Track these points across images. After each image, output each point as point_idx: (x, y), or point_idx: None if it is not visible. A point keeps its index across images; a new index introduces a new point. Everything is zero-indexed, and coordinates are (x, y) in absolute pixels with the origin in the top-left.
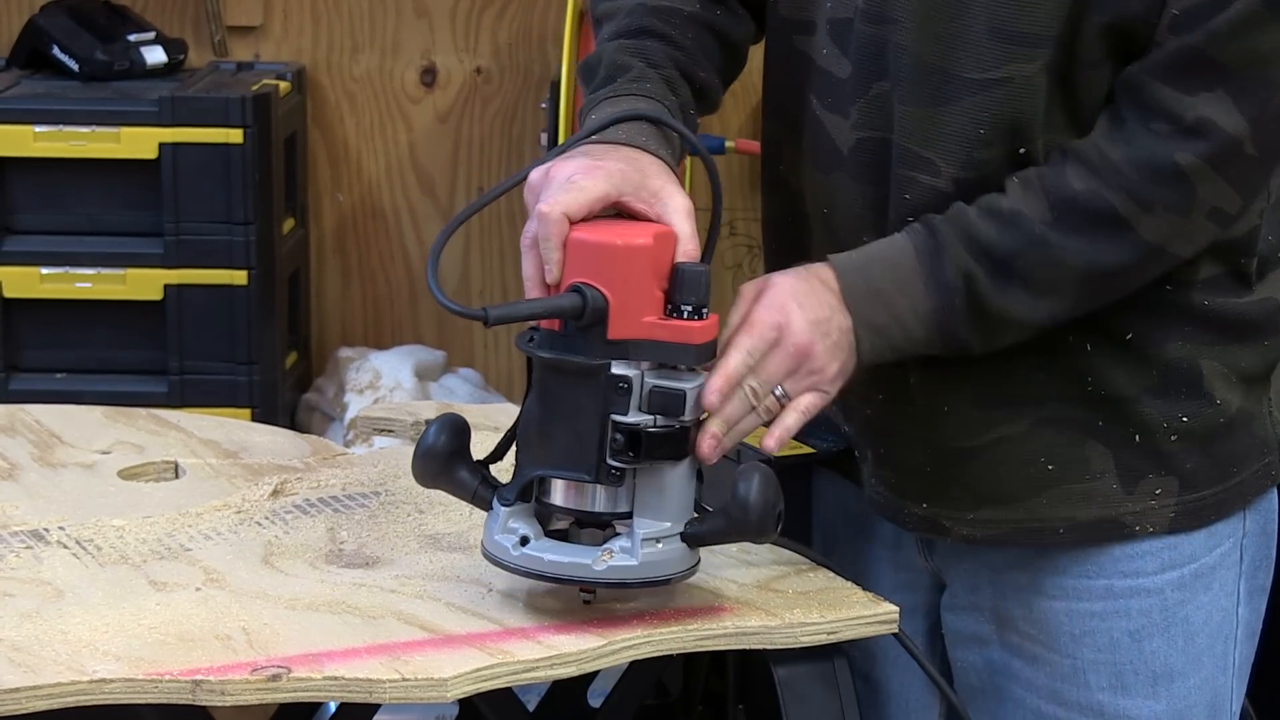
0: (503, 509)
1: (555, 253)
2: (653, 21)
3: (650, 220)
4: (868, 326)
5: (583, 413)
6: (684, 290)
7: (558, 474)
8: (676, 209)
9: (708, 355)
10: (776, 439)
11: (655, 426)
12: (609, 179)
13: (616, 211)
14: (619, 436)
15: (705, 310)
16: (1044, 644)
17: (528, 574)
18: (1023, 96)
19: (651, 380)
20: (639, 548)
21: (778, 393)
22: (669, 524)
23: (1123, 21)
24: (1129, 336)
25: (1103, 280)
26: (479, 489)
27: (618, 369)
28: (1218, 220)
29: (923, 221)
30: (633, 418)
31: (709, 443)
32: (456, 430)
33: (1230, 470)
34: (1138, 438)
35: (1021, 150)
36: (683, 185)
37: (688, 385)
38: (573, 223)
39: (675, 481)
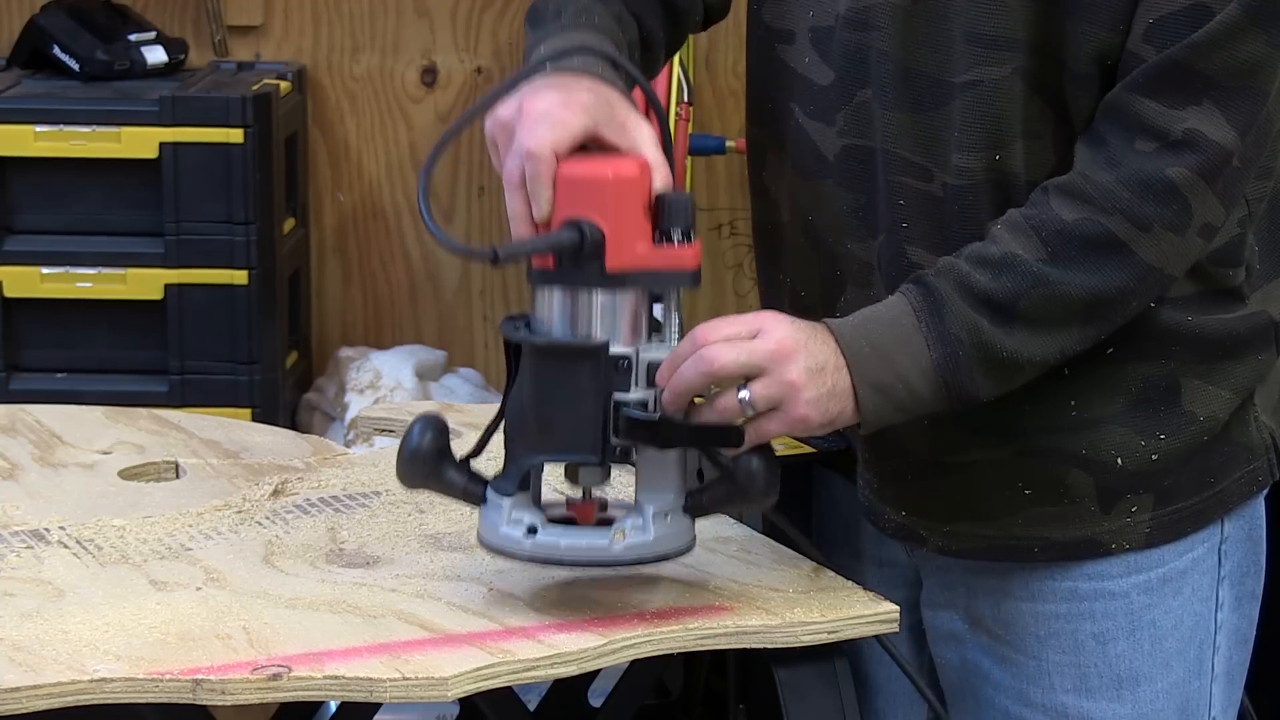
0: (505, 500)
1: (546, 190)
2: None
3: (621, 150)
4: (870, 386)
5: (583, 395)
6: (673, 217)
7: (561, 458)
8: (645, 139)
9: (698, 280)
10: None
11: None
12: (586, 112)
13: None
14: (635, 416)
15: (692, 234)
16: (1011, 644)
17: (545, 562)
18: (993, 100)
19: (647, 356)
20: (651, 523)
21: (743, 396)
22: (673, 496)
23: (1097, 29)
24: (1109, 351)
25: (1107, 308)
26: (468, 485)
27: (616, 348)
28: (1207, 235)
29: (915, 281)
30: (635, 394)
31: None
32: (439, 429)
33: (1208, 481)
34: (1119, 461)
35: (997, 157)
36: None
37: None
38: (558, 159)
39: (677, 455)
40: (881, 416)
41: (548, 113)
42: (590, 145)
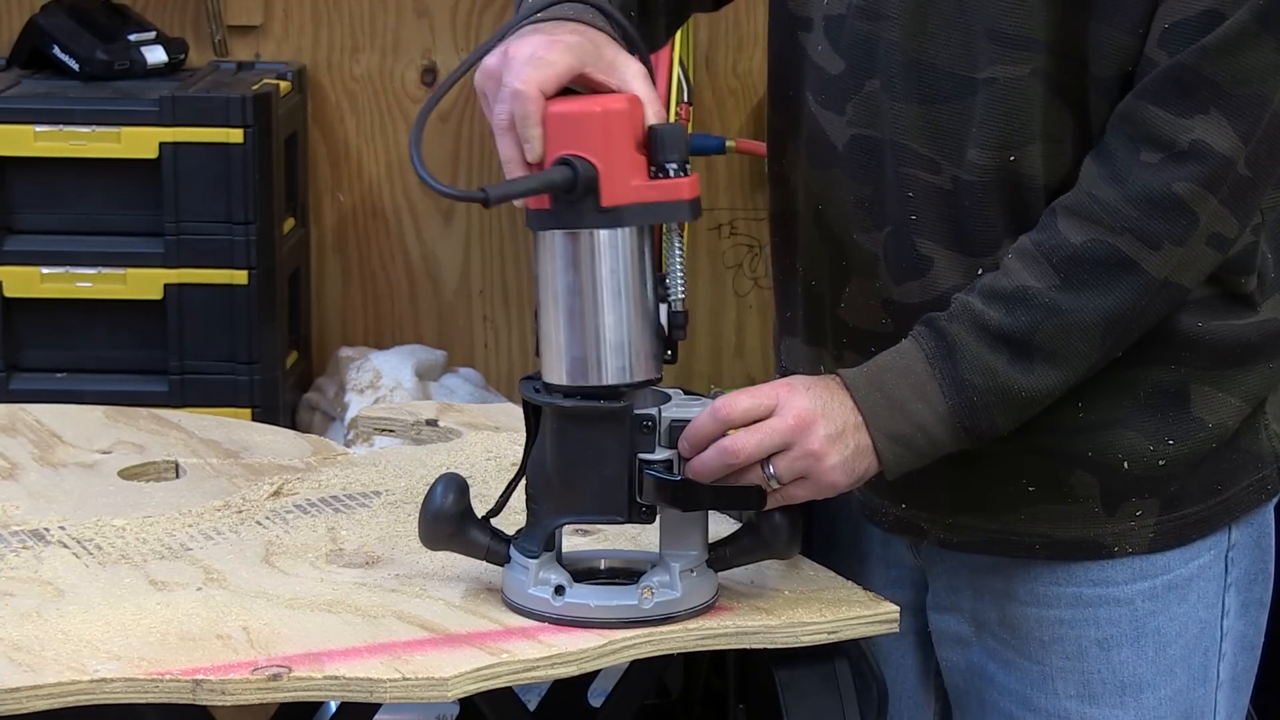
0: (531, 561)
1: (535, 129)
2: None
3: (611, 89)
4: (888, 437)
5: (608, 456)
6: (666, 149)
7: (587, 519)
8: (634, 75)
9: (698, 211)
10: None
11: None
12: (571, 51)
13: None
14: (659, 478)
15: (688, 166)
16: (1016, 649)
17: (575, 623)
18: (1010, 100)
19: (669, 415)
20: (678, 580)
21: (769, 471)
22: (697, 553)
23: (1118, 33)
24: (1119, 356)
25: (1122, 327)
26: (491, 545)
27: (640, 409)
28: (1218, 246)
29: (927, 324)
30: (659, 455)
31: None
32: (461, 490)
33: (1215, 488)
34: (1126, 464)
35: (1012, 157)
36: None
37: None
38: (546, 99)
39: (701, 513)
40: (903, 464)
41: (533, 55)
42: (579, 87)
